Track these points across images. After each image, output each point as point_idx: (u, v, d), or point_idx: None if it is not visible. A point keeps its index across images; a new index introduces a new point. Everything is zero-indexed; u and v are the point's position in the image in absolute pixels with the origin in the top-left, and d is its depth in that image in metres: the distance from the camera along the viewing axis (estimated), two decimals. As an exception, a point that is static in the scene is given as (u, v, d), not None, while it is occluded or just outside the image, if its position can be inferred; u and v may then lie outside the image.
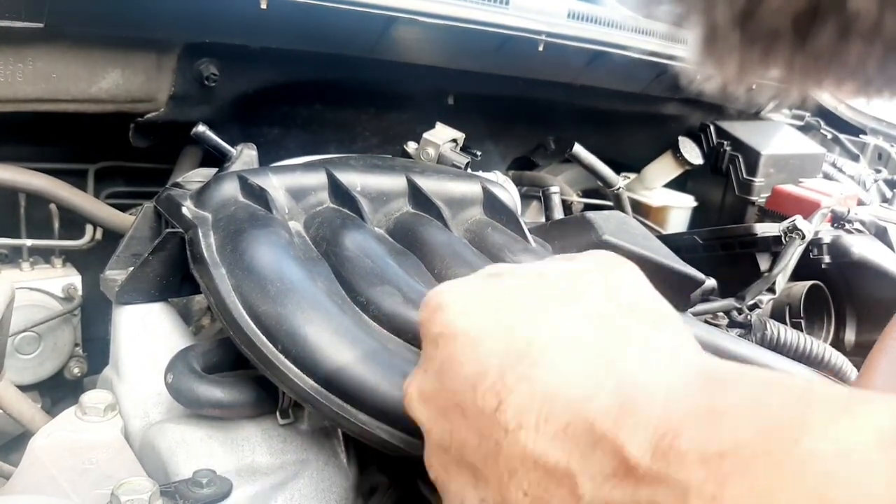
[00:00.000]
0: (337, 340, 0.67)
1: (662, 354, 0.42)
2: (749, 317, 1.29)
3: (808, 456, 0.32)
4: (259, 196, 0.89)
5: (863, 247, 1.51)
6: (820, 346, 1.17)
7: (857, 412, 0.33)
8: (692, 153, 1.91)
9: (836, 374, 1.10)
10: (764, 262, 1.51)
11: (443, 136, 1.25)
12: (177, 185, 1.01)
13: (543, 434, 0.40)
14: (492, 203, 1.04)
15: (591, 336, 0.44)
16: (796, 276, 1.48)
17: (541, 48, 1.40)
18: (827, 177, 2.01)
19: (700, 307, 1.26)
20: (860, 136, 2.29)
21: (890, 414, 0.33)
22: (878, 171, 2.16)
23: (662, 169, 1.94)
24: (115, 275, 0.94)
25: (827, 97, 2.26)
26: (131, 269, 0.91)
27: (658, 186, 1.96)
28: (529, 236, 1.02)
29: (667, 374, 0.40)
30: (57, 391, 1.28)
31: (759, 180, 1.85)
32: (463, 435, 0.45)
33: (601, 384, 0.40)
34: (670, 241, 1.30)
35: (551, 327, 0.44)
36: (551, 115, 1.76)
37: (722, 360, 0.42)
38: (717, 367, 0.41)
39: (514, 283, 0.49)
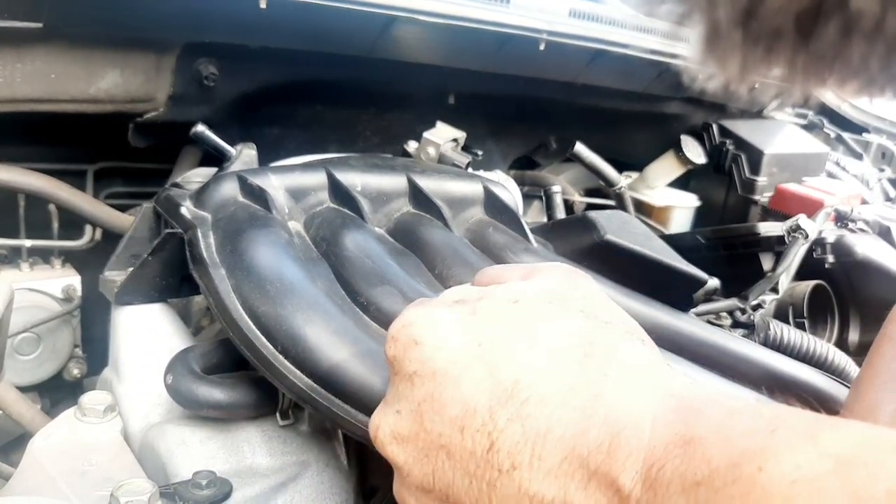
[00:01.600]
0: (337, 341, 0.67)
1: (642, 378, 0.43)
2: (752, 317, 1.29)
3: (770, 482, 0.33)
4: (259, 196, 0.89)
5: (866, 246, 1.51)
6: (823, 346, 1.17)
7: (820, 439, 0.34)
8: (695, 152, 1.90)
9: (840, 375, 1.09)
10: (767, 262, 1.51)
11: (443, 136, 1.25)
12: (176, 185, 1.01)
13: (538, 471, 0.41)
14: (493, 203, 1.04)
15: (575, 365, 0.43)
16: (800, 275, 1.48)
17: (542, 47, 1.39)
18: (830, 176, 2.01)
19: (703, 307, 1.26)
20: (863, 134, 2.28)
21: (851, 441, 0.34)
22: (882, 170, 2.16)
23: (665, 168, 1.93)
24: (114, 275, 0.94)
25: (830, 96, 2.26)
26: (130, 269, 0.91)
27: (660, 186, 1.95)
28: (531, 236, 1.02)
29: (650, 402, 0.41)
30: (56, 392, 1.27)
31: (762, 179, 1.84)
32: (449, 476, 0.44)
33: (591, 417, 0.41)
34: (673, 240, 1.30)
35: (535, 361, 0.44)
36: (553, 114, 1.76)
37: (691, 382, 0.44)
38: (691, 393, 0.42)
39: (487, 312, 0.47)
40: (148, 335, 0.88)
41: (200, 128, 1.11)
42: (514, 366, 0.44)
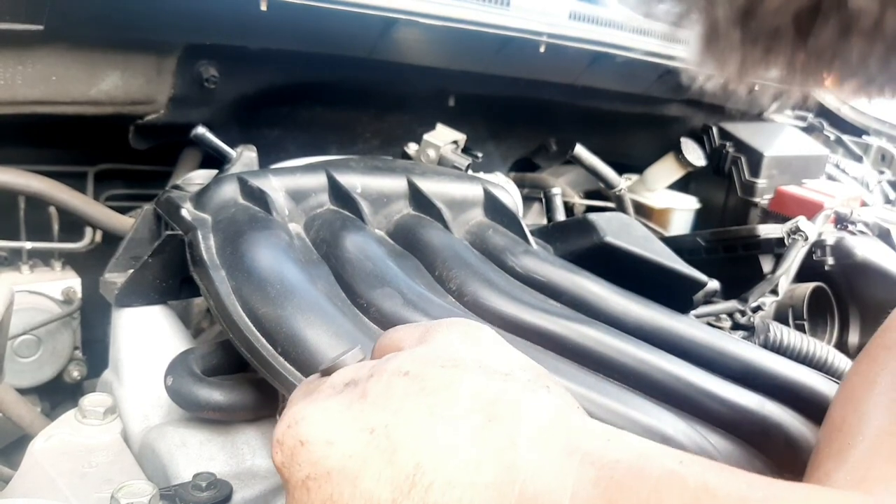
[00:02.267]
0: (337, 343, 0.67)
1: (553, 440, 0.40)
2: (752, 319, 1.29)
3: None
4: (259, 198, 0.89)
5: (866, 248, 1.51)
6: (823, 348, 1.17)
7: None
8: (694, 154, 1.90)
9: (840, 377, 1.09)
10: (767, 264, 1.51)
11: (444, 138, 1.25)
12: (176, 187, 1.01)
13: None
14: (493, 205, 1.04)
15: (478, 435, 0.40)
16: (800, 277, 1.48)
17: (542, 49, 1.39)
18: (830, 178, 2.01)
19: (703, 309, 1.26)
20: (863, 137, 2.28)
21: None
22: (882, 173, 2.16)
23: (665, 170, 1.93)
24: (114, 277, 0.94)
25: (830, 98, 2.26)
26: (131, 271, 0.90)
27: (660, 188, 1.95)
28: (531, 238, 1.02)
29: (567, 475, 0.38)
30: (56, 394, 1.27)
31: (761, 181, 1.84)
32: None
33: (504, 496, 0.38)
34: (673, 242, 1.30)
35: (435, 438, 0.40)
36: (553, 116, 1.76)
37: (606, 438, 0.41)
38: (609, 459, 0.39)
39: (378, 392, 0.42)
40: (148, 337, 0.88)
41: (201, 130, 1.11)
42: (414, 448, 0.40)
